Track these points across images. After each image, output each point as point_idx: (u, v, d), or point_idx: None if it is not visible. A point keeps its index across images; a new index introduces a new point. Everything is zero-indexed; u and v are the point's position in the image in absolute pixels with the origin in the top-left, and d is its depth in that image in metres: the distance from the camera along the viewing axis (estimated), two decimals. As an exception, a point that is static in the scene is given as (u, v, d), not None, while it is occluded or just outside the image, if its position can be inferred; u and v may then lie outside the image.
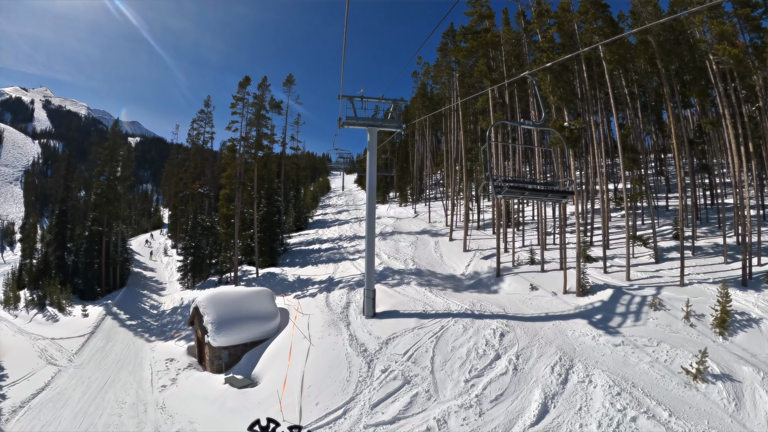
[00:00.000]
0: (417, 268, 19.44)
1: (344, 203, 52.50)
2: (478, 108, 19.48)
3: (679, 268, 16.20)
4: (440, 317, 13.86)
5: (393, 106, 14.04)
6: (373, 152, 13.60)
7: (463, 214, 23.51)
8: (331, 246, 27.36)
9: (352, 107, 13.62)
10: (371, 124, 13.74)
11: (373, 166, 13.49)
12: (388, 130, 13.88)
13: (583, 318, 13.92)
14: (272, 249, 25.96)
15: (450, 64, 23.95)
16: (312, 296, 18.82)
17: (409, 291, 16.60)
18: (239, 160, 23.60)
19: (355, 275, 19.88)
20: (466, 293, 16.48)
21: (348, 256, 23.99)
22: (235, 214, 23.29)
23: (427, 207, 35.24)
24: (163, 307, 29.14)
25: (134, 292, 34.72)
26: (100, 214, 36.03)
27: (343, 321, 14.65)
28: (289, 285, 21.95)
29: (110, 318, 25.99)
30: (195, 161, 35.77)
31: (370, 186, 13.65)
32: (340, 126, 13.37)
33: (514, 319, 13.87)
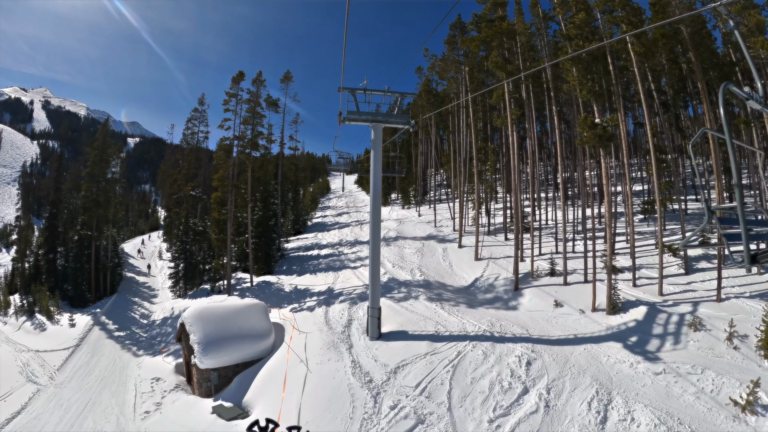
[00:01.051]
0: (425, 279, 17.73)
1: (344, 205, 50.82)
2: (492, 103, 17.78)
3: (715, 280, 14.74)
4: (455, 340, 12.18)
5: (400, 100, 12.32)
6: (378, 151, 11.91)
7: (473, 218, 21.83)
8: (330, 252, 25.66)
9: (354, 101, 11.93)
10: (376, 119, 12.06)
11: (378, 167, 11.81)
12: (395, 126, 12.21)
13: (617, 341, 12.35)
14: (268, 255, 24.28)
15: (458, 57, 22.24)
16: (310, 310, 17.12)
17: (418, 307, 14.89)
18: (232, 161, 21.93)
19: (357, 287, 18.18)
20: (481, 309, 14.78)
21: (349, 263, 22.28)
22: (228, 218, 21.60)
23: (431, 209, 33.52)
24: (153, 316, 27.62)
25: (125, 299, 33.14)
26: (89, 218, 34.36)
27: (344, 343, 12.96)
28: (285, 296, 20.26)
29: (98, 328, 24.35)
30: (189, 162, 34.12)
31: (375, 190, 11.93)
32: (341, 122, 11.68)
33: (540, 343, 12.22)
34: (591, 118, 12.54)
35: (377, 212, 11.76)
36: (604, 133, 12.46)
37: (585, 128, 12.69)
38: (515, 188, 16.42)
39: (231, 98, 22.85)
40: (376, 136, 11.99)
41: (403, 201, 38.92)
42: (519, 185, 16.43)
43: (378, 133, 12.01)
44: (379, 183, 11.98)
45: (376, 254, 11.83)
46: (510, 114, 15.84)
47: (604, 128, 12.45)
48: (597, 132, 12.53)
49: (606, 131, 12.50)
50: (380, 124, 12.16)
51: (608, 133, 12.60)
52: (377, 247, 11.84)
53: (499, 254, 19.84)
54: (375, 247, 11.78)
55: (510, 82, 16.79)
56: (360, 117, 11.89)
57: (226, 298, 23.56)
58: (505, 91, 16.11)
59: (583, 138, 12.70)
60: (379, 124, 12.08)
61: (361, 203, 50.33)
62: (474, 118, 19.62)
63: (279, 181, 31.33)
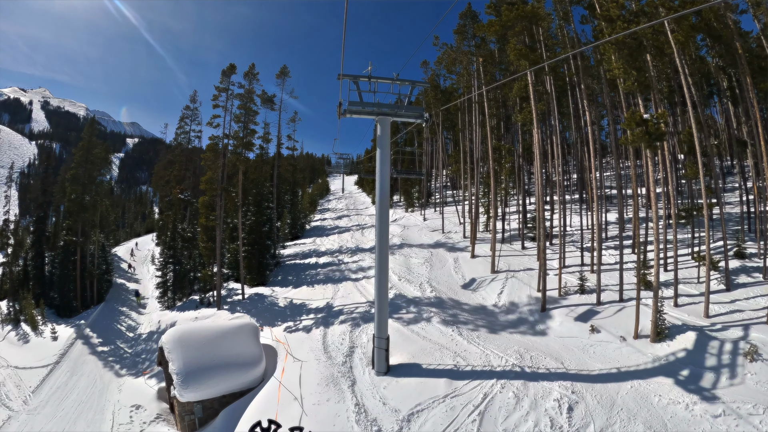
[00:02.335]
0: (437, 295, 15.62)
1: (344, 207, 48.74)
2: (512, 97, 15.75)
3: (761, 298, 13.62)
4: (480, 377, 10.13)
5: (411, 89, 10.24)
6: (386, 148, 9.85)
7: (483, 223, 19.71)
8: (330, 261, 23.57)
9: (357, 90, 9.86)
10: (382, 112, 10.00)
11: (386, 168, 9.76)
12: (405, 120, 10.16)
13: (668, 375, 10.53)
14: (261, 264, 22.23)
15: (471, 48, 20.19)
16: (306, 331, 15.06)
17: (432, 332, 12.81)
18: (222, 162, 19.89)
19: (359, 304, 16.09)
20: (505, 335, 12.70)
21: (350, 275, 20.20)
22: (217, 225, 19.55)
23: (437, 213, 31.43)
24: (140, 329, 25.78)
25: (112, 309, 31.20)
26: (74, 223, 32.34)
27: (346, 378, 10.91)
28: (279, 312, 18.19)
29: (80, 342, 22.53)
30: (180, 162, 32.13)
31: (381, 195, 9.85)
32: (341, 114, 9.63)
33: (580, 380, 10.21)
34: (639, 113, 10.49)
35: (384, 223, 9.65)
36: (655, 130, 10.40)
37: (632, 125, 10.63)
38: (539, 193, 14.36)
39: (221, 93, 20.82)
40: (382, 131, 9.92)
41: (406, 204, 36.82)
42: (542, 189, 14.35)
43: (385, 128, 9.95)
44: (386, 187, 9.88)
45: (383, 274, 9.74)
46: (535, 109, 13.78)
47: (656, 125, 10.39)
48: (647, 129, 10.47)
49: (657, 129, 10.44)
50: (388, 118, 10.08)
51: (659, 130, 10.55)
52: (385, 266, 9.75)
53: (517, 266, 17.74)
54: (382, 266, 9.69)
55: (532, 74, 14.72)
56: (364, 109, 9.84)
57: (214, 313, 21.56)
58: (529, 82, 14.05)
59: (631, 136, 10.63)
60: (386, 117, 10.01)
61: (362, 205, 48.27)
62: (489, 113, 17.57)
63: (275, 183, 29.23)
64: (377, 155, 10.02)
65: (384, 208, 9.84)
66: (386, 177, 10.05)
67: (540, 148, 14.36)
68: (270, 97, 28.07)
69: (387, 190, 10.17)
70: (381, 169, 9.96)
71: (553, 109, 16.96)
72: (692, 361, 10.89)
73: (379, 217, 9.57)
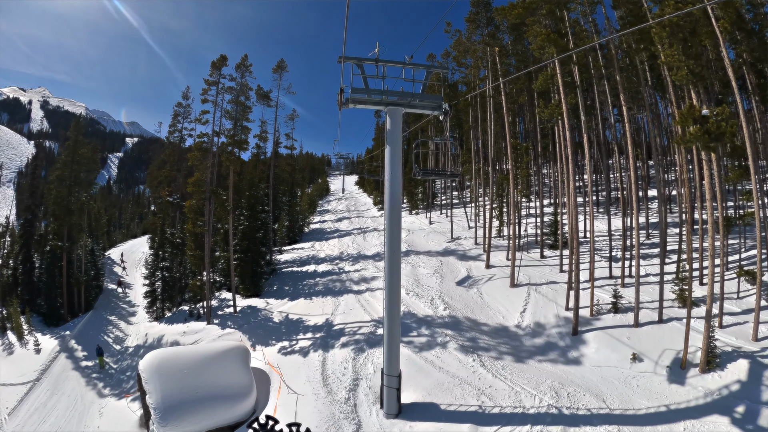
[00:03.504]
0: (451, 314, 13.81)
1: (345, 208, 46.92)
2: (536, 87, 13.92)
3: None
4: (511, 423, 8.36)
5: (427, 75, 8.43)
6: (397, 144, 8.04)
7: (496, 228, 17.85)
8: (329, 269, 21.76)
9: (361, 74, 8.01)
10: (394, 101, 8.18)
11: (397, 168, 7.97)
12: (421, 111, 8.37)
13: (723, 413, 9.04)
14: (255, 273, 20.45)
15: (486, 38, 18.33)
16: (303, 354, 13.30)
17: (449, 361, 11.01)
18: (211, 161, 18.10)
19: (363, 323, 14.28)
20: (534, 364, 10.91)
21: (351, 286, 18.39)
22: (206, 231, 17.77)
23: (443, 216, 29.63)
24: (127, 341, 24.23)
25: (100, 318, 29.59)
26: (60, 227, 30.59)
27: (349, 420, 9.13)
28: (274, 329, 16.42)
29: (64, 356, 21.20)
30: (171, 163, 30.37)
31: (392, 202, 8.04)
32: (343, 105, 7.83)
33: (626, 422, 8.56)
34: (697, 108, 8.70)
35: (395, 241, 7.81)
36: (715, 129, 8.61)
37: (689, 122, 8.83)
38: (571, 197, 12.55)
39: (210, 87, 19.01)
40: (393, 124, 8.11)
41: (409, 205, 34.95)
42: (575, 193, 12.55)
43: (396, 120, 8.14)
44: (398, 192, 8.05)
45: (394, 301, 7.92)
46: (565, 102, 11.98)
47: (717, 123, 8.60)
48: (705, 128, 8.68)
49: (719, 127, 8.65)
50: (399, 108, 8.26)
51: (720, 129, 8.75)
52: (396, 291, 7.92)
53: (539, 278, 15.92)
54: (393, 292, 7.87)
55: (557, 64, 12.89)
56: (370, 98, 8.03)
57: (203, 328, 19.80)
58: (557, 72, 12.24)
59: (686, 136, 8.83)
60: (397, 107, 8.19)
61: (363, 206, 46.46)
62: (506, 108, 15.75)
63: (271, 185, 27.41)
64: (386, 153, 8.15)
65: (395, 219, 7.98)
66: (397, 179, 8.18)
67: (569, 147, 12.55)
68: (266, 92, 26.25)
69: (399, 196, 8.30)
70: (391, 170, 8.08)
71: (584, 103, 15.10)
72: (747, 395, 9.50)
73: (390, 233, 7.72)
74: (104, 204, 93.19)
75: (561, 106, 12.29)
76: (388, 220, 8.13)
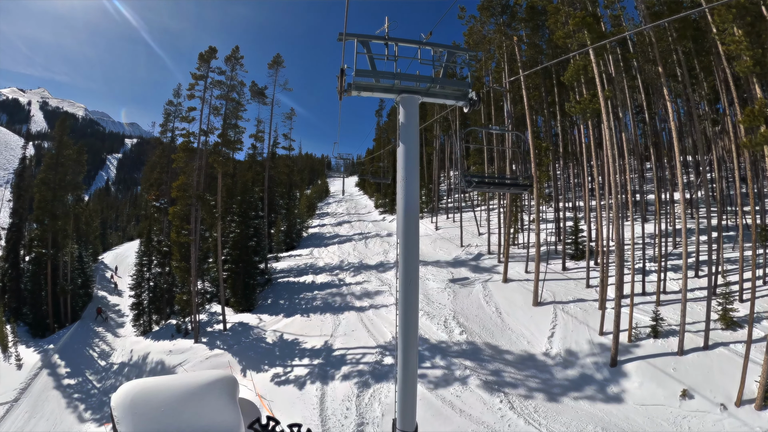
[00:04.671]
0: (469, 339, 11.97)
1: (345, 211, 45.12)
2: (566, 80, 12.14)
3: None
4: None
5: (447, 57, 6.49)
6: (413, 140, 6.01)
7: (507, 236, 15.93)
8: (329, 280, 19.93)
9: (367, 53, 6.10)
10: (409, 87, 6.27)
11: (414, 170, 5.94)
12: (442, 101, 6.48)
13: None
14: (247, 286, 18.64)
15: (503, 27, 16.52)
16: (298, 385, 11.51)
17: (471, 402, 9.20)
18: (198, 163, 16.33)
19: (367, 349, 12.44)
20: (569, 403, 9.10)
21: (353, 301, 16.57)
22: (192, 241, 15.99)
23: (450, 221, 27.83)
24: (113, 357, 22.66)
25: (86, 329, 27.93)
26: (44, 232, 28.90)
27: (350, 486, 7.34)
28: (267, 351, 14.61)
29: (46, 373, 19.88)
30: (161, 164, 28.65)
31: (408, 215, 5.99)
32: (344, 92, 5.93)
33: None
34: None
35: (412, 263, 5.85)
36: None
37: (758, 121, 7.04)
38: (616, 206, 10.73)
39: (198, 81, 17.26)
40: (407, 116, 6.20)
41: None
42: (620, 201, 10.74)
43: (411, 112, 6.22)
44: (415, 201, 5.95)
45: (410, 339, 5.96)
46: (602, 96, 10.20)
47: None
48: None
49: None
50: (415, 97, 6.36)
51: None
52: (412, 326, 5.96)
53: (564, 294, 14.08)
54: (408, 328, 5.90)
55: (593, 53, 11.09)
56: (378, 83, 6.14)
57: (190, 347, 18.01)
58: (592, 62, 10.46)
59: (757, 137, 7.02)
60: (413, 96, 6.31)
61: (364, 209, 44.68)
62: (528, 104, 13.89)
63: (266, 188, 25.60)
64: (399, 152, 6.21)
65: (412, 238, 6.07)
66: (414, 185, 6.18)
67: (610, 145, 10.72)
68: (261, 89, 24.51)
69: (416, 206, 6.27)
70: (407, 173, 6.12)
71: (622, 96, 13.28)
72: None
73: (405, 256, 5.79)
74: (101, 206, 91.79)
75: (597, 99, 10.53)
76: (403, 239, 6.16)
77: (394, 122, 49.16)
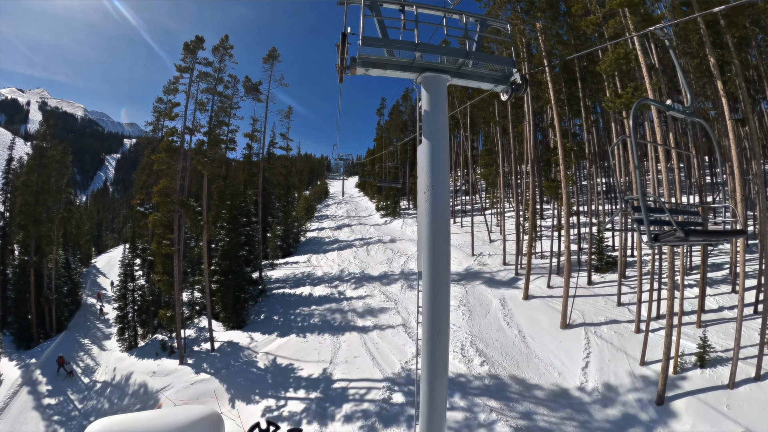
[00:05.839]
0: (491, 371, 10.23)
1: (345, 214, 43.39)
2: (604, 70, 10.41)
3: None
4: None
5: (480, 27, 4.74)
6: (440, 132, 4.34)
7: (530, 247, 14.17)
8: (328, 293, 18.20)
9: (376, 15, 4.38)
10: (434, 65, 4.57)
11: (444, 172, 4.23)
12: (477, 84, 4.76)
13: None
14: (238, 300, 16.91)
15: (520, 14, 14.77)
16: (293, 425, 9.82)
17: (500, 461, 7.52)
18: (182, 165, 14.64)
19: (374, 382, 10.71)
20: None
21: (354, 319, 14.85)
22: (175, 252, 14.29)
23: (458, 226, 26.06)
24: (96, 374, 21.31)
25: (72, 341, 26.46)
26: (26, 238, 27.30)
27: None
28: (258, 378, 12.90)
29: (26, 391, 18.67)
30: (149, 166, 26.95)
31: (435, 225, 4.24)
32: (346, 69, 4.23)
33: None
34: None
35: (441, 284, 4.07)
36: None
37: None
38: None
39: (182, 74, 15.58)
40: (433, 101, 4.56)
41: (417, 212, 31.35)
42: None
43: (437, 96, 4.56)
44: (446, 210, 4.29)
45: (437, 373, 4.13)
46: (650, 87, 8.55)
47: None
48: None
49: None
50: (443, 77, 4.69)
51: None
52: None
53: (593, 314, 12.35)
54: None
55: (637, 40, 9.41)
56: (391, 58, 4.47)
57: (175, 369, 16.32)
58: (637, 49, 8.77)
59: None
60: (440, 75, 4.63)
61: (364, 211, 42.96)
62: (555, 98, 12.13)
63: (260, 191, 23.86)
64: (423, 150, 4.59)
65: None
66: (444, 192, 4.50)
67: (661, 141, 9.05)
68: (255, 84, 22.80)
69: (447, 222, 4.62)
70: (433, 178, 4.45)
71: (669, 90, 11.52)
72: None
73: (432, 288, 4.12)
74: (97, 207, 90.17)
75: (640, 93, 8.84)
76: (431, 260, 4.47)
77: (396, 121, 47.35)
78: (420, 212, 4.54)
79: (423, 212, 4.43)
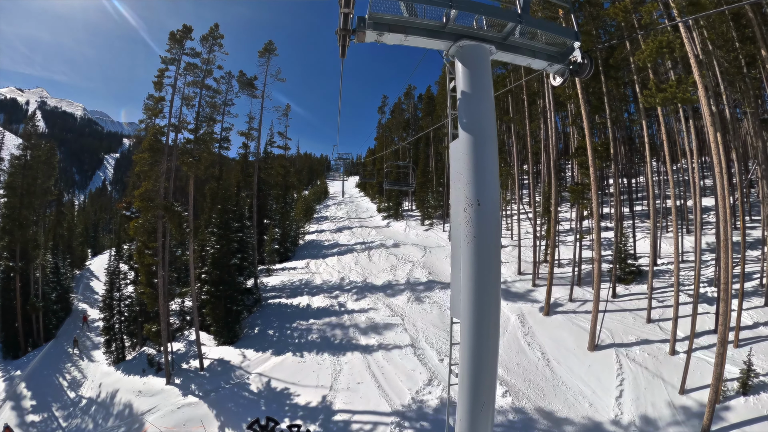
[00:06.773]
0: (515, 403, 8.89)
1: (345, 215, 42.05)
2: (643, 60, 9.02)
3: None
4: None
5: None
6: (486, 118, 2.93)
7: (552, 256, 12.87)
8: (327, 304, 16.87)
9: None
10: (474, 32, 3.14)
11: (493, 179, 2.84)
12: (526, 61, 3.39)
13: None
14: (229, 313, 15.56)
15: None
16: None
17: None
18: (166, 165, 13.33)
19: (380, 416, 9.38)
20: None
21: (357, 336, 13.52)
22: (158, 263, 12.98)
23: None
24: (82, 389, 20.20)
25: (60, 352, 25.40)
26: (11, 243, 26.05)
27: None
28: (250, 403, 11.60)
29: (9, 406, 17.89)
30: (141, 166, 25.68)
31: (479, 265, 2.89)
32: (348, 35, 2.83)
33: None
34: None
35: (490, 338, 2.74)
36: None
37: None
38: (725, 221, 7.72)
39: (169, 66, 14.25)
40: (473, 79, 3.18)
41: (422, 215, 30.06)
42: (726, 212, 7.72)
43: (480, 72, 3.20)
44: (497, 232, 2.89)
45: None
46: (699, 77, 7.24)
47: None
48: None
49: None
50: (485, 47, 3.26)
51: None
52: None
53: (623, 333, 11.02)
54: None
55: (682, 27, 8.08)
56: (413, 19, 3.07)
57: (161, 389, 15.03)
58: (683, 36, 7.42)
59: None
60: (480, 45, 3.22)
61: (365, 213, 41.65)
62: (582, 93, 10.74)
63: (255, 193, 22.53)
64: (459, 148, 3.10)
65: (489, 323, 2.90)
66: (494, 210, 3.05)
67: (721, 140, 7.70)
68: (250, 79, 21.46)
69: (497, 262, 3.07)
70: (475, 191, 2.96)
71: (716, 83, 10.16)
72: None
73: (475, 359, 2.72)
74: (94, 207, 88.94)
75: (685, 87, 7.52)
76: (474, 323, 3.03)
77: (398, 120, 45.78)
78: (456, 237, 3.16)
79: (462, 238, 3.04)
